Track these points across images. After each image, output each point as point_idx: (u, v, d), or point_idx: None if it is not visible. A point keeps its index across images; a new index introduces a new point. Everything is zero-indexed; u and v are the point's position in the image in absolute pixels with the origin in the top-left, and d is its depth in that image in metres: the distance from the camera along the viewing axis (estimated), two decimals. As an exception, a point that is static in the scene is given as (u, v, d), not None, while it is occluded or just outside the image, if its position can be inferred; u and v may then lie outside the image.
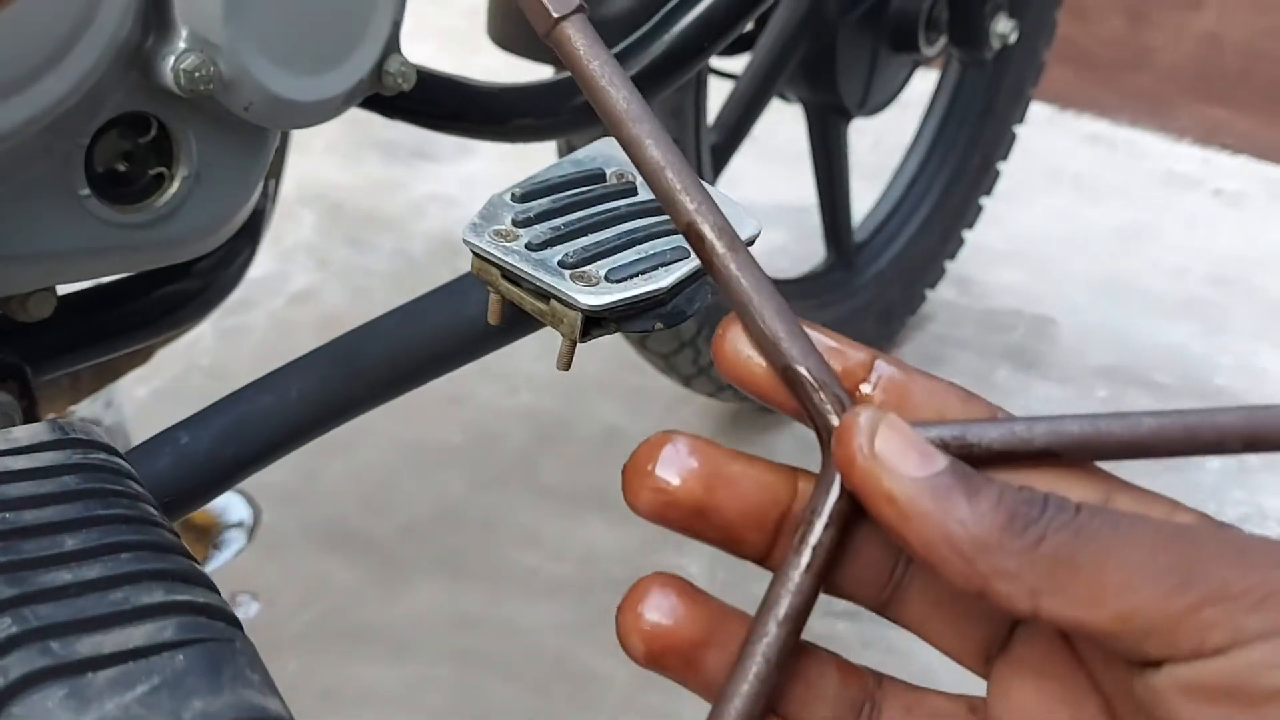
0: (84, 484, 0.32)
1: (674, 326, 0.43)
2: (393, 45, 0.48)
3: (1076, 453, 0.27)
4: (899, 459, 0.26)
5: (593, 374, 1.16)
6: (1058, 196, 1.52)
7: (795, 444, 1.13)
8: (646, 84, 0.55)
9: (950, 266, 1.26)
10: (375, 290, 1.34)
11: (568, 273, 0.40)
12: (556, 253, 0.41)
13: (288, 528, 1.04)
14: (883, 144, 1.32)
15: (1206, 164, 1.57)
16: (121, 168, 0.45)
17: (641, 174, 0.34)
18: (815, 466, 0.29)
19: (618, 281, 0.40)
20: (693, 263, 0.41)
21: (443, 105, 0.57)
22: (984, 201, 1.25)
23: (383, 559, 1.00)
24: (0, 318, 0.47)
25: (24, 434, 0.34)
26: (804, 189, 1.16)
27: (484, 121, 0.59)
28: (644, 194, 0.44)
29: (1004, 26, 0.98)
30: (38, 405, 0.47)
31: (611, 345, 1.07)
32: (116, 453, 0.35)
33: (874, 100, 1.06)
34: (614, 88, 0.34)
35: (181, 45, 0.42)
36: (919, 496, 0.25)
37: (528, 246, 0.41)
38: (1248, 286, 1.36)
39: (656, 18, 0.55)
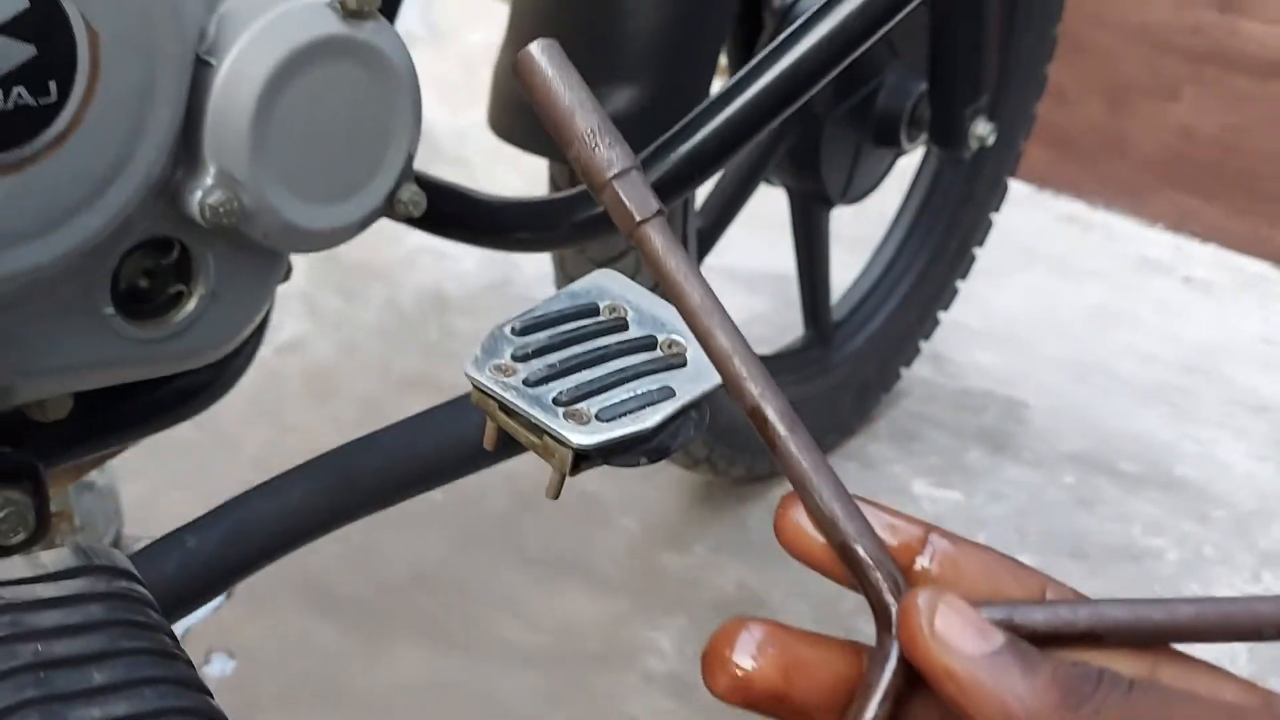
0: (109, 614, 0.35)
1: (656, 462, 0.46)
2: (406, 175, 0.51)
3: (1117, 636, 0.29)
4: (959, 637, 0.27)
5: (575, 440, 1.19)
6: (1034, 275, 1.56)
7: (766, 513, 1.16)
8: (671, 188, 0.58)
9: (925, 345, 1.29)
10: (364, 343, 1.36)
11: (561, 410, 0.43)
12: (551, 389, 0.44)
13: (267, 584, 1.06)
14: (863, 215, 1.36)
15: (1178, 250, 1.62)
16: (143, 284, 0.48)
17: (711, 359, 0.37)
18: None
19: (608, 421, 0.43)
20: (676, 403, 0.44)
21: (446, 215, 0.60)
22: (959, 284, 1.29)
23: (362, 619, 1.02)
24: (17, 417, 0.50)
25: (51, 559, 0.37)
26: (784, 257, 1.19)
27: (485, 231, 0.62)
28: (634, 330, 0.47)
29: (983, 129, 1.02)
30: (49, 503, 0.50)
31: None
32: (137, 578, 0.37)
33: (856, 190, 1.10)
34: (689, 283, 0.37)
35: (209, 180, 0.45)
36: (978, 672, 0.27)
37: (525, 382, 0.44)
38: (1214, 375, 1.40)
39: (683, 122, 0.58)
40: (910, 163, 1.24)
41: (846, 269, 1.23)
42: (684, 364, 0.46)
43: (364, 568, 1.07)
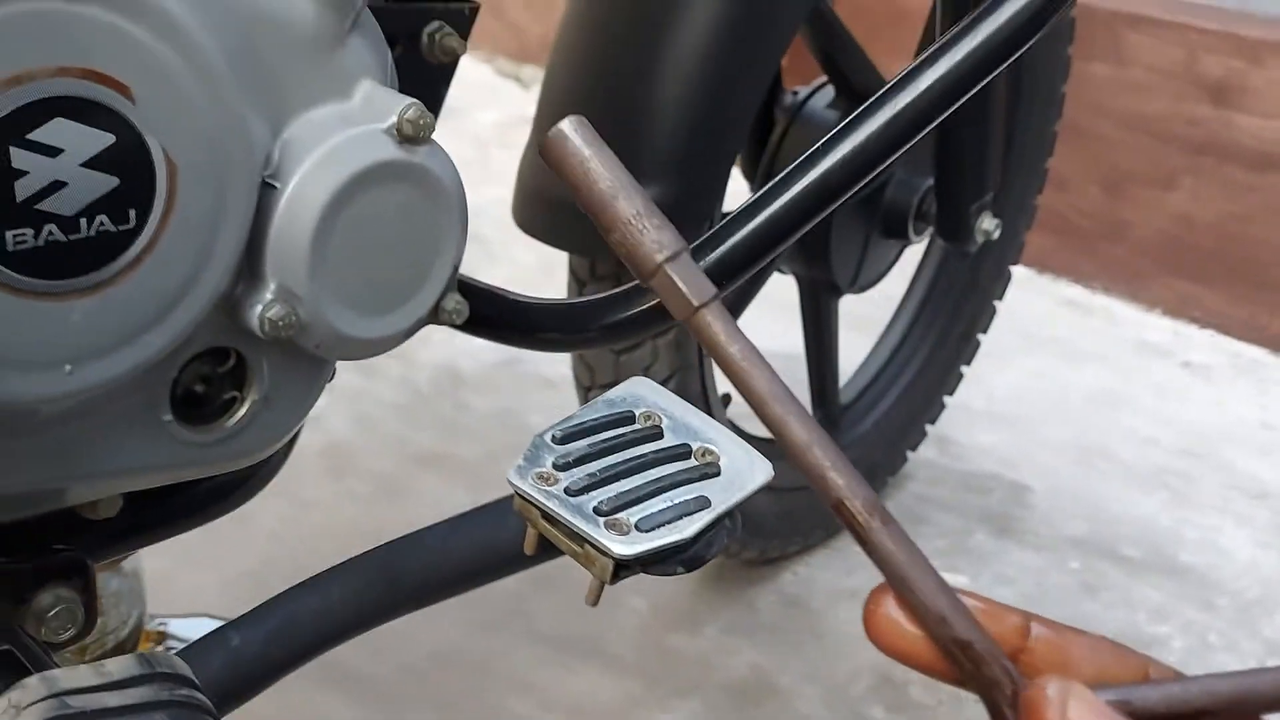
0: (174, 724, 0.36)
1: (692, 571, 0.48)
2: (450, 285, 0.54)
3: (1230, 709, 0.30)
4: None
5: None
6: (1035, 358, 1.59)
7: (777, 596, 1.17)
8: (723, 276, 0.60)
9: (930, 427, 1.32)
10: (380, 419, 1.38)
11: (602, 520, 0.45)
12: (592, 499, 0.46)
13: (283, 662, 1.07)
14: (870, 294, 1.39)
15: (1177, 335, 1.65)
16: (199, 390, 0.50)
17: (786, 451, 0.36)
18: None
19: (647, 531, 0.45)
20: (712, 514, 0.46)
21: (480, 316, 0.62)
22: (964, 369, 1.32)
23: (380, 699, 1.03)
24: (69, 516, 0.51)
25: (117, 668, 0.39)
26: (789, 337, 1.21)
27: (517, 332, 0.65)
28: (669, 438, 0.50)
29: (988, 224, 1.05)
30: (98, 599, 0.51)
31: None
32: (196, 685, 0.39)
33: (864, 279, 1.13)
34: (756, 370, 0.36)
35: (269, 295, 0.47)
36: None
37: (567, 491, 0.46)
38: (1213, 460, 1.42)
39: (736, 211, 0.60)
40: (915, 248, 1.27)
41: (851, 347, 1.26)
42: (718, 473, 0.48)
43: (382, 647, 1.08)
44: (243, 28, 0.44)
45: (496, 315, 0.64)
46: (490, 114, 2.13)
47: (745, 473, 0.49)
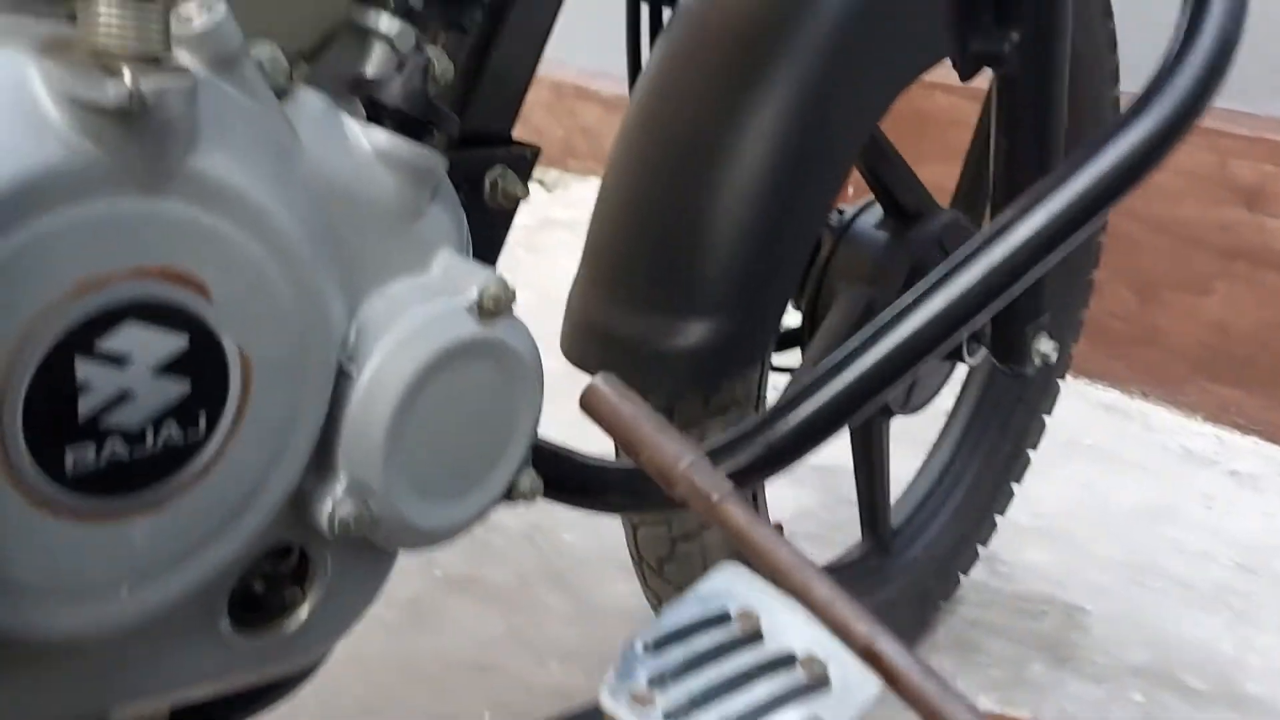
0: None
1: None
2: (526, 461, 0.49)
3: None
4: None
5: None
6: (1077, 467, 1.54)
7: None
8: (748, 475, 0.57)
9: (981, 548, 1.26)
10: (394, 625, 1.31)
11: (710, 752, 0.40)
12: (693, 726, 0.41)
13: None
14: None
15: (1220, 442, 1.61)
16: (258, 589, 0.46)
17: (813, 610, 0.37)
18: None
19: (750, 768, 0.40)
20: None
21: (546, 478, 0.58)
22: (1014, 486, 1.27)
23: None
24: (111, 723, 0.46)
25: None
26: (829, 450, 1.16)
27: (581, 493, 0.61)
28: (770, 643, 0.45)
29: (1045, 346, 1.01)
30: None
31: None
32: None
33: (916, 400, 1.09)
34: (777, 548, 0.38)
35: (340, 491, 0.43)
36: None
37: (666, 716, 0.41)
38: (1270, 576, 1.36)
39: (764, 415, 0.57)
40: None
41: (902, 465, 1.21)
42: (828, 685, 0.44)
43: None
44: (323, 206, 0.41)
45: (565, 479, 0.60)
46: (516, 218, 2.11)
47: (856, 684, 0.45)
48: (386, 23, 0.47)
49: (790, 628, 0.45)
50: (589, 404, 0.41)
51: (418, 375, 0.43)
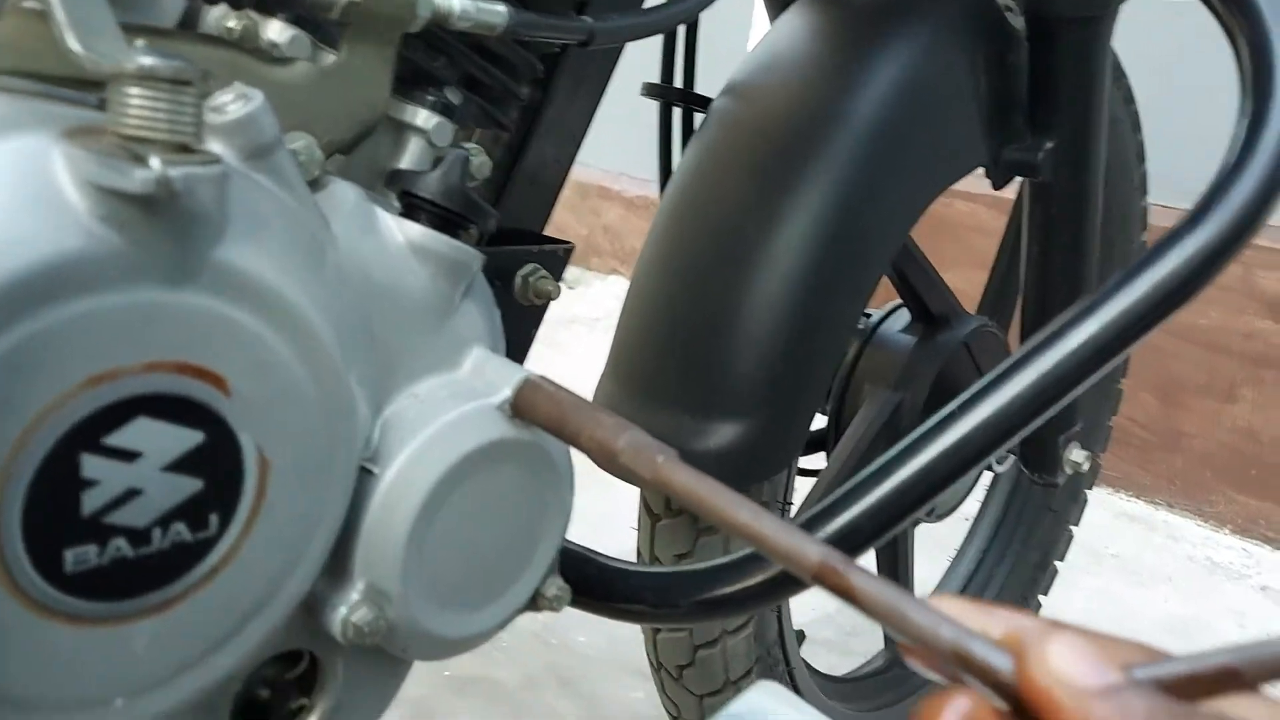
0: None
1: None
2: (553, 569, 0.47)
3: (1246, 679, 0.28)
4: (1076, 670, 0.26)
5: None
6: (1101, 579, 1.50)
7: None
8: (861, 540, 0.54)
9: (1005, 663, 1.22)
10: None
11: None
12: None
13: None
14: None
15: (1248, 556, 1.57)
16: (263, 695, 0.43)
17: (754, 541, 0.35)
18: None
19: None
20: None
21: (570, 581, 0.56)
22: (1041, 599, 1.23)
23: None
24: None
25: None
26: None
27: (603, 598, 0.58)
28: (809, 768, 0.42)
29: (1077, 456, 0.99)
30: None
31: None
32: None
33: (942, 507, 1.06)
34: (718, 493, 0.37)
35: (355, 596, 0.41)
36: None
37: None
38: (1307, 700, 1.31)
39: (865, 475, 0.55)
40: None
41: (925, 570, 1.18)
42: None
43: None
44: (354, 300, 0.39)
45: (590, 583, 0.57)
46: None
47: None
48: (424, 118, 0.47)
49: (828, 757, 0.42)
50: (525, 400, 0.41)
51: (444, 477, 0.41)
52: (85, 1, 0.31)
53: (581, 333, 2.17)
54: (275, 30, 0.42)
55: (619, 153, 2.32)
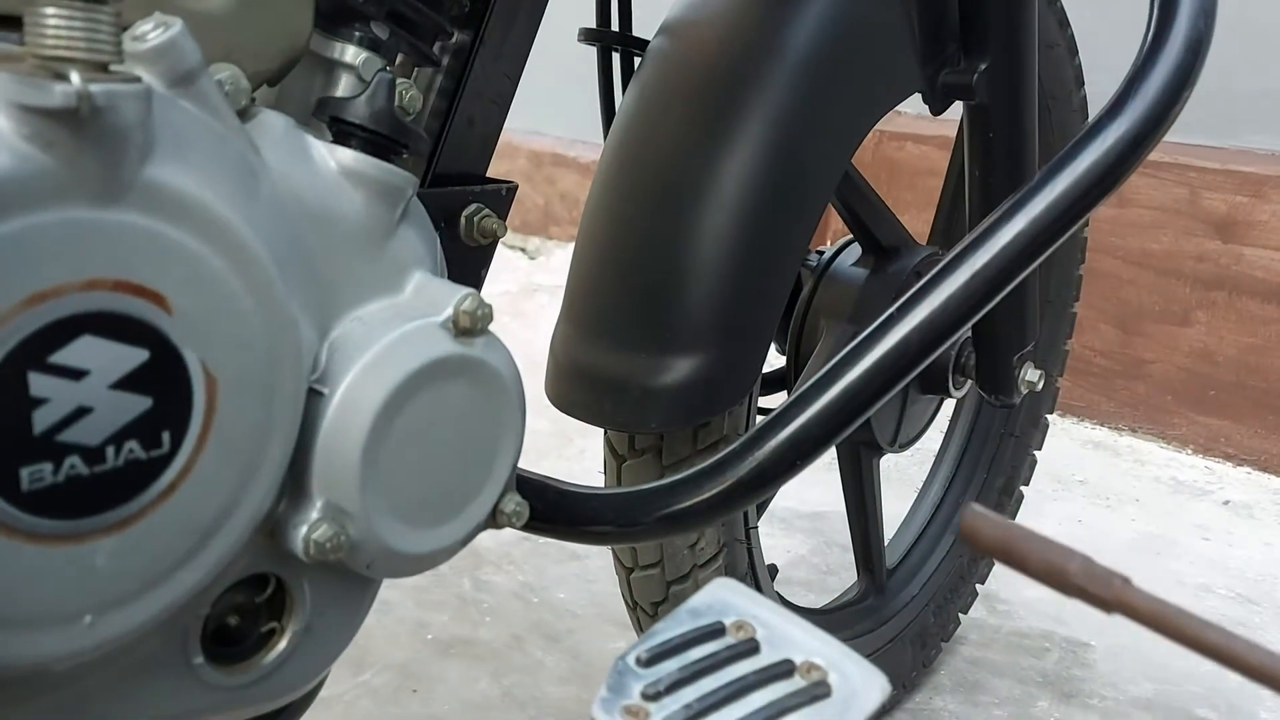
0: None
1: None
2: (509, 485, 0.48)
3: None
4: None
5: None
6: (1069, 504, 1.53)
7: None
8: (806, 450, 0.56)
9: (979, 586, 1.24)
10: (397, 603, 1.30)
11: (707, 765, 0.39)
12: (693, 736, 0.40)
13: None
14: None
15: (1211, 473, 1.60)
16: (232, 622, 0.44)
17: (1254, 676, 0.36)
18: None
19: (758, 778, 0.39)
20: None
21: (533, 510, 0.57)
22: (1008, 523, 1.25)
23: None
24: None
25: None
26: (818, 496, 1.14)
27: (568, 524, 0.59)
28: (767, 653, 0.44)
29: (1031, 375, 1.01)
30: None
31: None
32: None
33: (904, 436, 1.08)
34: (1196, 625, 0.37)
35: (315, 515, 0.42)
36: None
37: (662, 729, 0.40)
38: (1274, 605, 1.35)
39: (809, 384, 0.56)
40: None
41: (891, 506, 1.20)
42: (828, 693, 0.42)
43: None
44: (290, 224, 0.40)
45: (548, 508, 0.58)
46: (500, 285, 2.12)
47: (860, 691, 0.43)
48: (352, 54, 0.48)
49: (788, 637, 0.44)
50: (970, 530, 0.42)
51: (392, 394, 0.42)
52: (-4, -70, 0.32)
53: (545, 301, 2.17)
54: (194, -34, 0.42)
55: (571, 120, 2.32)
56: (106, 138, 0.32)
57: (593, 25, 0.94)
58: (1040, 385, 1.02)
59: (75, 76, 0.31)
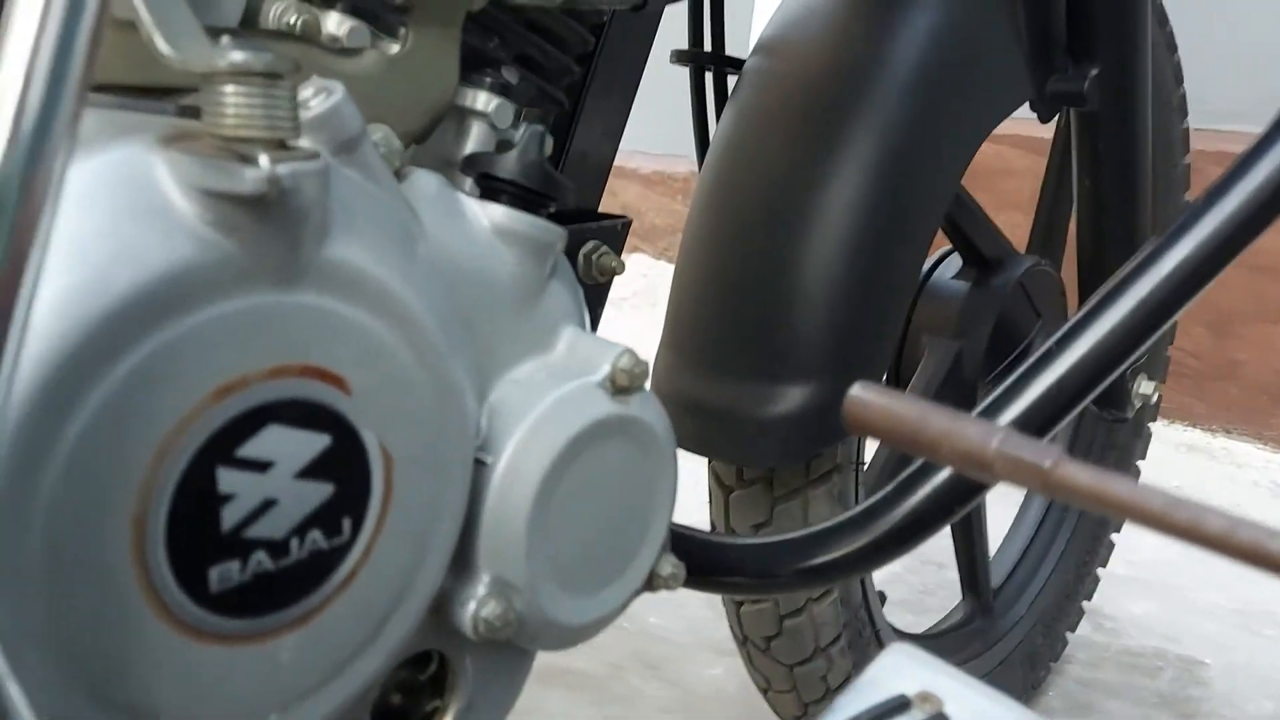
0: None
1: None
2: (666, 545, 0.46)
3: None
4: None
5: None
6: (1168, 512, 1.49)
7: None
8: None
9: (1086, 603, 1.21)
10: None
11: None
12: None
13: None
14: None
15: (1314, 475, 1.55)
16: (396, 701, 0.42)
17: (1217, 547, 0.34)
18: None
19: None
20: None
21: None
22: (1114, 537, 1.22)
23: None
24: None
25: None
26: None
27: (709, 573, 0.57)
28: (957, 721, 0.41)
29: (1145, 388, 0.97)
30: None
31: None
32: None
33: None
34: (1145, 495, 0.36)
35: (482, 590, 0.40)
36: None
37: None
38: (1392, 613, 1.30)
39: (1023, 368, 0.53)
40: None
41: (994, 522, 1.17)
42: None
43: None
44: (448, 288, 0.38)
45: (693, 560, 0.56)
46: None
47: None
48: (484, 101, 0.46)
49: (978, 709, 0.41)
50: (855, 416, 0.38)
51: (556, 460, 0.40)
52: (166, 4, 0.31)
53: (610, 313, 2.16)
54: (334, 22, 0.41)
55: (632, 130, 2.30)
56: (290, 218, 0.31)
57: (683, 46, 0.92)
58: (1155, 398, 0.99)
59: (264, 159, 0.29)
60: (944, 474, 0.54)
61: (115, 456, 0.28)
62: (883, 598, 0.98)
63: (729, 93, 0.87)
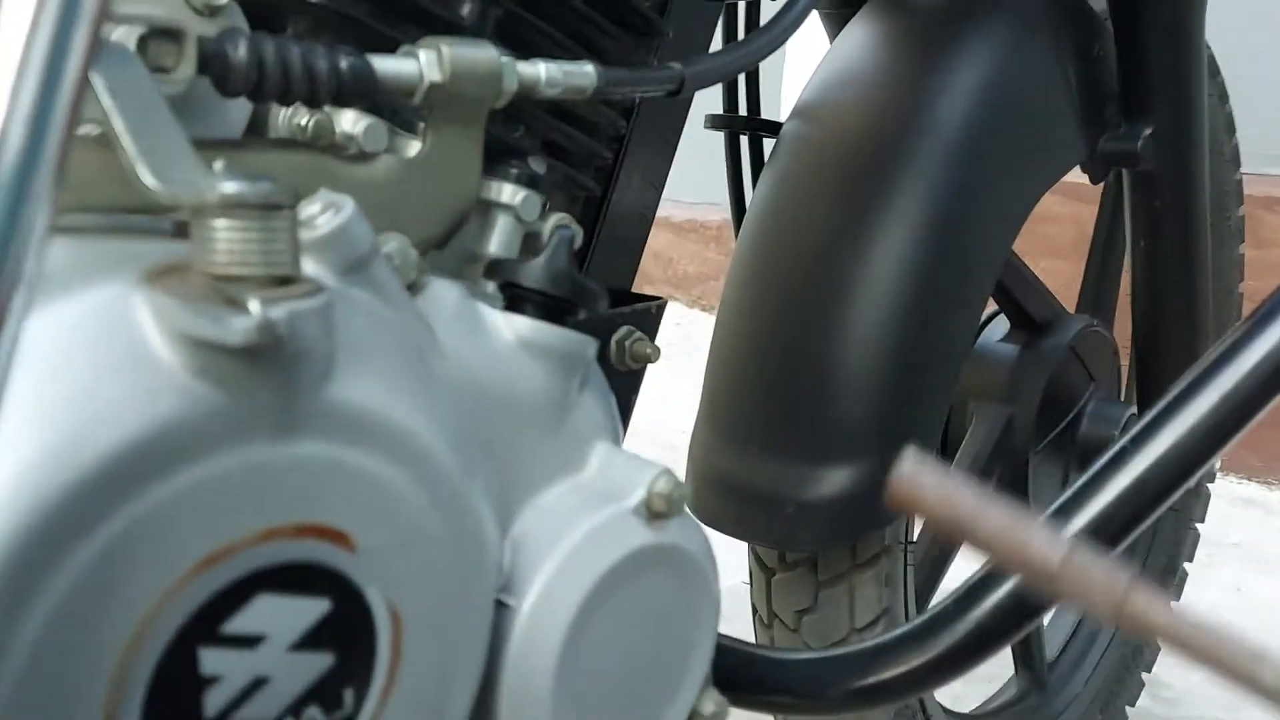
0: None
1: None
2: (707, 682, 0.42)
3: None
4: None
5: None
6: (1227, 570, 1.42)
7: None
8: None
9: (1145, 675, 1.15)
10: None
11: None
12: None
13: None
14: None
15: (1379, 531, 1.48)
16: None
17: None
18: None
19: None
20: None
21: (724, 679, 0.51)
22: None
23: None
24: None
25: None
26: (953, 573, 1.05)
27: (752, 690, 0.53)
28: None
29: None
30: None
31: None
32: None
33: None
34: (1220, 640, 0.33)
35: (506, 750, 0.36)
36: None
37: None
38: None
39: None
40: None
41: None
42: None
43: None
44: (468, 412, 0.35)
45: (729, 675, 0.52)
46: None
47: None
48: (510, 193, 0.42)
49: None
50: (904, 496, 0.34)
51: (587, 600, 0.36)
52: (154, 126, 0.27)
53: (644, 366, 2.13)
54: (349, 121, 0.38)
55: (661, 179, 2.28)
56: (286, 364, 0.27)
57: (717, 109, 0.88)
58: (1218, 463, 0.94)
59: (255, 305, 0.26)
60: (1007, 586, 0.50)
61: (82, 648, 0.25)
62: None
63: (765, 157, 0.83)
